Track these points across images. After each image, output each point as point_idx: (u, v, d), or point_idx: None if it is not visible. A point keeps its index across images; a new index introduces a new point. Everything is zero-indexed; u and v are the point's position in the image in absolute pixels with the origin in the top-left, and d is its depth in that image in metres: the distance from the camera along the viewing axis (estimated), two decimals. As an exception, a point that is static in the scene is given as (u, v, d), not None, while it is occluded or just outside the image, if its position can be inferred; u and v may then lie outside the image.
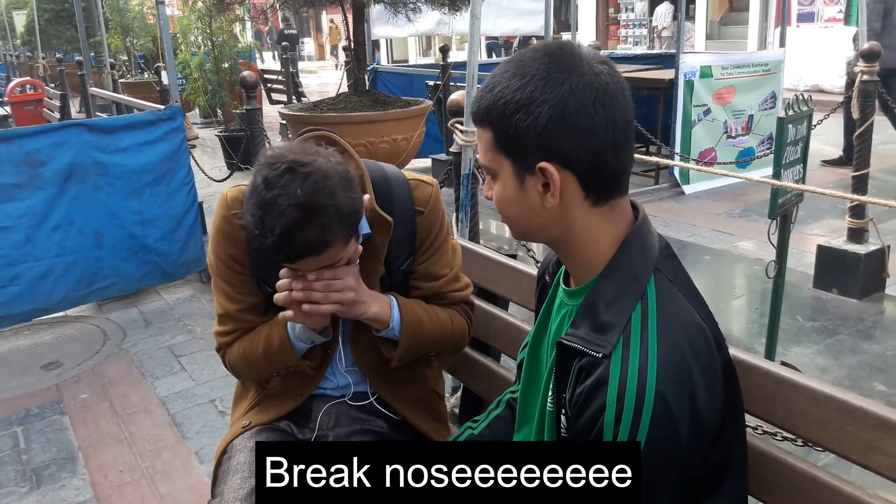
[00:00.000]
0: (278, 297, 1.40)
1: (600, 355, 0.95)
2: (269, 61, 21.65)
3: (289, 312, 1.40)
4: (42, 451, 2.91)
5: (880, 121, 4.19)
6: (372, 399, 1.62)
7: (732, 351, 1.09)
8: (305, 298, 1.38)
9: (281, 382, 1.62)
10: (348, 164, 1.43)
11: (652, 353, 0.93)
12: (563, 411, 1.03)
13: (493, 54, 19.21)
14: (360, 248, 1.42)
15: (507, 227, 1.12)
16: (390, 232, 1.49)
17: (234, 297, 1.55)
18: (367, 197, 1.39)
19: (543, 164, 0.99)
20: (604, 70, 0.99)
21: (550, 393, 1.07)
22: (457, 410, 1.94)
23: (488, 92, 1.02)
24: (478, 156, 1.10)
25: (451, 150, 3.23)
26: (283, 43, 13.90)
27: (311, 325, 1.46)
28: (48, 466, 2.80)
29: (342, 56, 24.20)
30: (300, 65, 22.34)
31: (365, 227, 1.46)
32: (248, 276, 1.53)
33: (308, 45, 28.95)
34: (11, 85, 10.32)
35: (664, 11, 17.17)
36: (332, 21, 25.68)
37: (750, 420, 1.12)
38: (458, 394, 2.00)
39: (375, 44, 9.04)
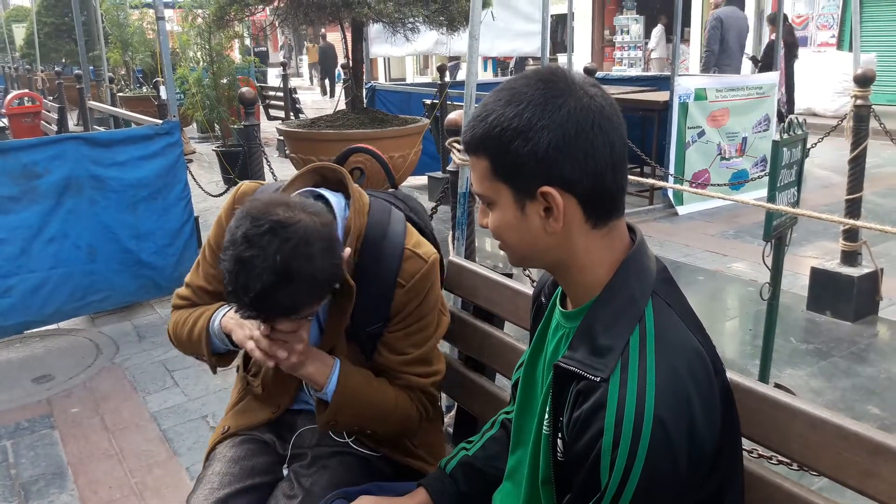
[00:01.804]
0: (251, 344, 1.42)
1: (598, 379, 0.95)
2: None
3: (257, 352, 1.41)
4: (31, 465, 2.88)
5: (874, 144, 4.22)
6: (349, 440, 1.59)
7: (729, 374, 1.09)
8: (261, 348, 1.39)
9: (263, 386, 1.62)
10: (354, 208, 1.44)
11: (650, 378, 0.93)
12: (559, 435, 1.02)
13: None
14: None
15: (504, 248, 1.12)
16: (353, 297, 1.44)
17: (207, 278, 1.60)
18: (347, 251, 1.37)
19: (546, 188, 0.99)
20: (597, 93, 1.01)
21: (547, 416, 1.07)
22: (450, 430, 1.93)
23: (481, 121, 1.02)
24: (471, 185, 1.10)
25: (448, 168, 3.24)
26: (282, 61, 13.96)
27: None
28: (37, 482, 2.77)
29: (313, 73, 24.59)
30: (297, 81, 22.47)
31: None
32: None
33: (306, 62, 29.08)
34: (9, 97, 10.32)
35: (658, 34, 17.36)
36: (309, 41, 26.11)
37: (745, 444, 1.12)
38: (452, 413, 1.99)
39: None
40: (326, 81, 21.20)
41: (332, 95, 19.84)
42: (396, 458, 1.61)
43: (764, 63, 8.34)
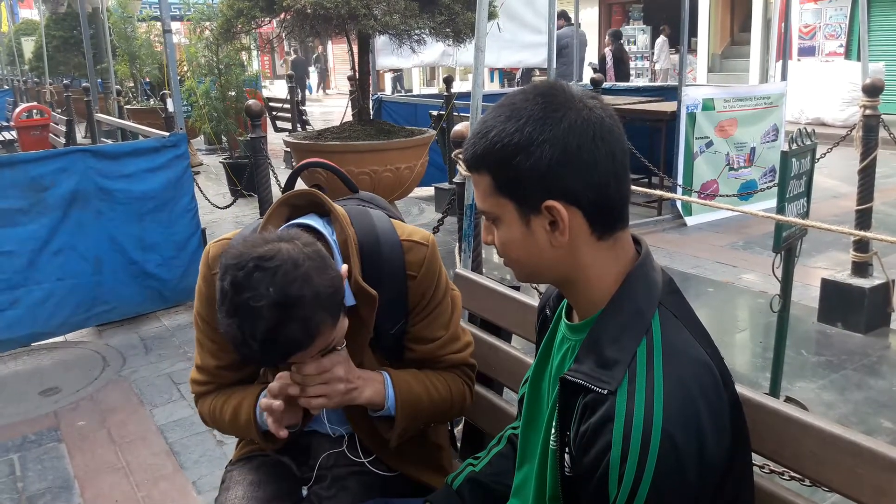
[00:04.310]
0: (272, 388, 1.36)
1: (605, 392, 0.94)
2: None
3: (276, 402, 1.33)
4: (38, 479, 2.87)
5: (883, 154, 4.20)
6: (366, 461, 1.55)
7: (740, 388, 1.07)
8: (300, 394, 1.34)
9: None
10: (333, 227, 1.40)
11: (658, 390, 0.92)
12: (566, 449, 1.01)
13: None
14: (346, 322, 1.32)
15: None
16: (376, 305, 1.41)
17: (214, 353, 1.52)
18: (344, 268, 1.31)
19: (550, 202, 0.98)
20: (596, 105, 1.01)
21: (553, 430, 1.05)
22: (458, 444, 1.91)
23: (482, 138, 1.01)
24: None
25: (455, 179, 3.24)
26: (288, 73, 14.04)
27: (293, 420, 1.41)
28: (43, 495, 2.76)
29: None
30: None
31: (350, 299, 1.37)
32: None
33: (313, 74, 29.23)
34: (18, 110, 10.39)
35: (660, 44, 17.40)
36: (294, 51, 26.57)
37: (757, 459, 1.10)
38: (460, 427, 1.97)
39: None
40: (298, 91, 22.18)
41: (303, 104, 21.46)
42: (414, 476, 1.59)
43: (600, 71, 11.23)
